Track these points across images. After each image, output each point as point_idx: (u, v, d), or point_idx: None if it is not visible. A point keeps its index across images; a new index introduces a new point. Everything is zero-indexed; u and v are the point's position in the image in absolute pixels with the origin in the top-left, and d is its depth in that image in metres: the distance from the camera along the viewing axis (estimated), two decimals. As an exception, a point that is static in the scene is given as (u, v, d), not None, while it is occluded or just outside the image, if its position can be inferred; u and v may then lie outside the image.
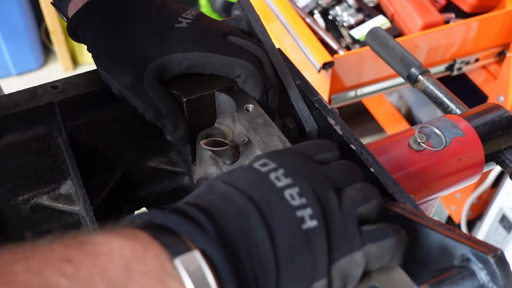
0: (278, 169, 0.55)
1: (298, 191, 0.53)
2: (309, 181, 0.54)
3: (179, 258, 0.46)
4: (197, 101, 0.77)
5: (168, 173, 0.92)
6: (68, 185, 0.84)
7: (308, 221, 0.51)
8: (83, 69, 3.29)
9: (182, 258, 0.46)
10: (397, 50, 1.05)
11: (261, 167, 0.55)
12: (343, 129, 0.78)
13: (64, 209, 0.84)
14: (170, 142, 0.88)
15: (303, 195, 0.53)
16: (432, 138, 0.86)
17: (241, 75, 0.77)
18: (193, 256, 0.46)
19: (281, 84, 0.85)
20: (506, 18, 1.88)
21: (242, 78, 0.77)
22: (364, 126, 2.85)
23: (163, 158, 0.90)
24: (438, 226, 0.65)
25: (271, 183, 0.53)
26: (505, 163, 0.89)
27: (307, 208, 0.52)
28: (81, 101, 0.81)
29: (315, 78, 1.83)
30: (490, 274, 0.59)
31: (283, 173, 0.54)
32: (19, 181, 0.81)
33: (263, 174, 0.54)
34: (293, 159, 0.57)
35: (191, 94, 0.77)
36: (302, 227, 0.51)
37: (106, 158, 0.86)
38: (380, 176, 0.73)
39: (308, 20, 1.95)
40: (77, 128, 0.82)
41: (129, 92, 0.75)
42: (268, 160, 0.56)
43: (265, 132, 0.73)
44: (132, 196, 0.92)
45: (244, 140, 0.74)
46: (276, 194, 0.52)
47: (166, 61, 0.75)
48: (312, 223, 0.51)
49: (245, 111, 0.76)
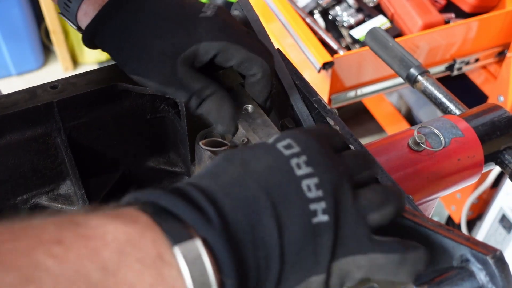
0: (301, 155, 0.53)
1: (317, 183, 0.52)
2: (329, 173, 0.53)
3: (179, 245, 0.44)
4: None
5: (167, 173, 0.91)
6: (67, 185, 0.84)
7: (320, 215, 0.50)
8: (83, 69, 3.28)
9: (181, 246, 0.44)
10: (396, 51, 1.04)
11: (284, 149, 0.53)
12: (342, 130, 0.78)
13: (63, 209, 0.84)
14: (169, 142, 0.89)
15: (321, 187, 0.51)
16: (431, 139, 0.86)
17: (256, 74, 0.76)
18: (194, 244, 0.45)
19: (280, 84, 0.85)
20: (506, 18, 1.88)
21: (256, 78, 0.76)
22: (364, 126, 2.85)
23: (163, 158, 0.90)
24: (437, 226, 0.65)
25: (290, 170, 0.52)
26: (504, 163, 0.89)
27: (322, 202, 0.51)
28: (80, 101, 0.81)
29: (315, 78, 1.83)
30: (489, 275, 0.59)
31: (305, 160, 0.53)
32: (18, 181, 0.81)
33: (284, 159, 0.53)
34: (318, 146, 0.55)
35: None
36: (313, 221, 0.50)
37: (105, 158, 0.86)
38: (379, 177, 0.73)
39: (308, 20, 1.95)
40: (76, 128, 0.82)
41: (168, 86, 0.73)
42: (293, 142, 0.54)
43: (264, 132, 0.73)
44: (131, 196, 0.92)
45: (244, 141, 0.74)
46: (293, 183, 0.51)
47: (196, 49, 0.73)
48: (323, 218, 0.50)
49: (244, 111, 0.76)
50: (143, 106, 0.84)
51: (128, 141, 0.86)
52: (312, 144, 0.55)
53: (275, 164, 0.52)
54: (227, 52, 0.74)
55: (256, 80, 0.76)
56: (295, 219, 0.50)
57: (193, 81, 0.73)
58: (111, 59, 0.76)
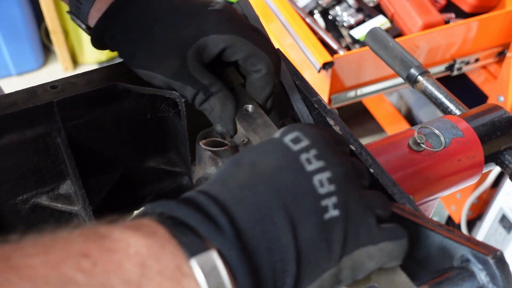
0: (311, 149, 0.52)
1: (329, 177, 0.51)
2: (341, 166, 0.53)
3: (195, 258, 0.45)
4: None
5: (167, 173, 0.91)
6: (67, 185, 0.84)
7: (331, 210, 0.50)
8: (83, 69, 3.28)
9: (198, 258, 0.45)
10: (396, 51, 1.04)
11: (292, 144, 0.53)
12: (342, 130, 0.78)
13: (63, 209, 0.84)
14: (169, 142, 0.89)
15: (333, 182, 0.51)
16: (431, 139, 0.86)
17: (261, 70, 0.75)
18: (210, 256, 0.46)
19: (280, 84, 0.84)
20: (506, 18, 1.88)
21: (260, 74, 0.75)
22: (364, 126, 2.85)
23: (163, 158, 0.90)
24: (438, 227, 0.65)
25: (300, 167, 0.51)
26: (504, 163, 0.89)
27: (333, 197, 0.51)
28: (80, 101, 0.80)
29: (315, 78, 1.83)
30: (489, 275, 0.59)
31: (315, 154, 0.52)
32: (18, 181, 0.81)
33: (293, 155, 0.52)
34: (327, 139, 0.55)
35: None
36: (324, 217, 0.50)
37: (105, 158, 0.86)
38: (379, 177, 0.73)
39: (308, 20, 1.95)
40: (76, 128, 0.81)
41: (176, 80, 0.73)
42: (301, 134, 0.54)
43: (265, 132, 0.73)
44: (131, 196, 0.92)
45: (244, 141, 0.74)
46: (304, 181, 0.51)
47: (204, 42, 0.73)
48: (334, 213, 0.50)
49: (244, 111, 0.76)
50: (143, 106, 0.84)
51: (128, 141, 0.86)
52: (322, 137, 0.54)
53: (285, 162, 0.52)
54: (234, 46, 0.73)
55: (260, 77, 0.75)
56: (308, 218, 0.50)
57: (202, 75, 0.73)
58: (111, 59, 0.76)
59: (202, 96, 0.73)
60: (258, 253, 0.48)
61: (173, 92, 0.77)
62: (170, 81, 0.73)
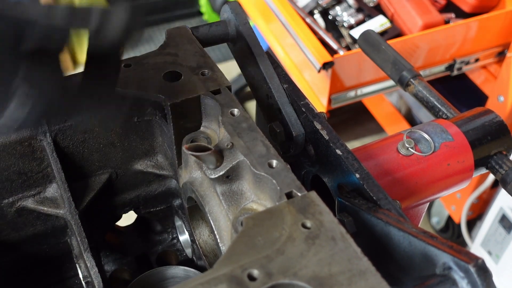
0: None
1: None
2: None
3: None
4: (182, 105, 0.76)
5: (155, 177, 0.91)
6: (54, 188, 0.84)
7: None
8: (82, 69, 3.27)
9: None
10: (389, 53, 1.04)
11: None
12: (329, 134, 0.78)
13: (49, 212, 0.83)
14: (157, 145, 0.88)
15: None
16: (421, 143, 0.85)
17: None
18: None
19: (268, 88, 0.84)
20: (506, 18, 1.87)
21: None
22: (364, 126, 2.84)
23: (150, 161, 0.89)
24: (421, 233, 0.64)
25: None
26: (495, 168, 0.88)
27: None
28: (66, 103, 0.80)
29: (315, 78, 1.83)
30: (471, 283, 0.58)
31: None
32: (4, 184, 0.81)
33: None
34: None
35: (176, 98, 0.76)
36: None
37: (91, 161, 0.85)
38: (365, 182, 0.73)
39: (308, 20, 1.94)
40: (62, 131, 0.81)
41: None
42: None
43: (250, 136, 0.72)
44: (119, 199, 0.91)
45: (228, 145, 0.74)
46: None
47: None
48: None
49: (230, 115, 0.75)
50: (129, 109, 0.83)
51: (115, 144, 0.86)
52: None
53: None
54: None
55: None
56: None
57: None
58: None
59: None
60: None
61: (159, 96, 0.76)
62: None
